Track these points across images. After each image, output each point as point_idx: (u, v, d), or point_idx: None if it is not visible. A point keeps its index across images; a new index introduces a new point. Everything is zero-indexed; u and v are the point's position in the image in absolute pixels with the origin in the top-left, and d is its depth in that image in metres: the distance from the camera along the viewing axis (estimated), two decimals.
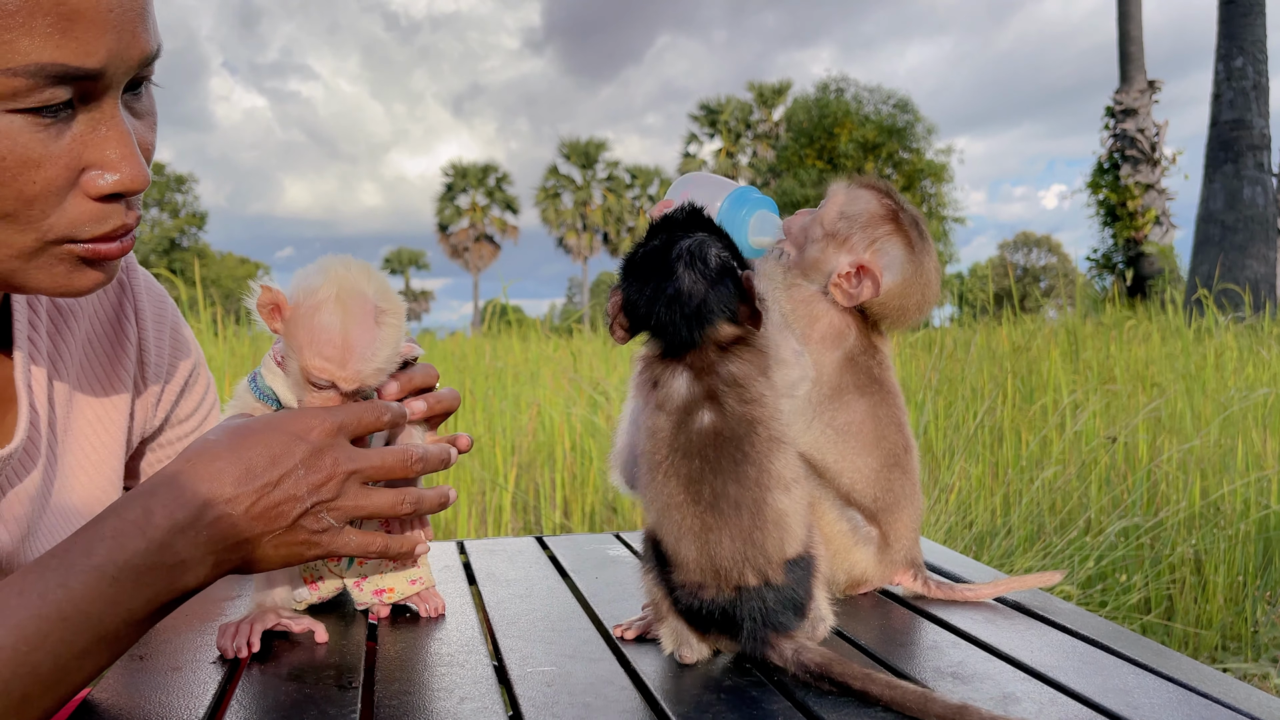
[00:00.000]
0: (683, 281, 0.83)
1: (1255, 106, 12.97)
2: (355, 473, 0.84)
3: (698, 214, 0.89)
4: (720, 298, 0.84)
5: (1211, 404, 4.43)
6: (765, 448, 0.84)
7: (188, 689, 0.81)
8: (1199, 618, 3.22)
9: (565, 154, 46.83)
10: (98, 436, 0.99)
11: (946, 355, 5.02)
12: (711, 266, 0.84)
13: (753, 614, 0.82)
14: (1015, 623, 1.02)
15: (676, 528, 0.83)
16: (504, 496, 3.75)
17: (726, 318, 0.84)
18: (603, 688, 0.81)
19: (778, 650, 0.82)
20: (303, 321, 0.86)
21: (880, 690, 0.74)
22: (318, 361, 0.85)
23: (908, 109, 30.67)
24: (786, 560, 0.83)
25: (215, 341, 4.97)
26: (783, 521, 0.83)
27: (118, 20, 0.68)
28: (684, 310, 0.83)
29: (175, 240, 41.99)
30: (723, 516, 0.82)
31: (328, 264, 0.89)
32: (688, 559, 0.83)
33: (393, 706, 0.76)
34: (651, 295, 0.84)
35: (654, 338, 0.87)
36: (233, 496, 0.78)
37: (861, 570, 1.09)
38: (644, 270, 0.86)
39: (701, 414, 0.84)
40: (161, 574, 0.74)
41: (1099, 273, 18.62)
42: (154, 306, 1.07)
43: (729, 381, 0.84)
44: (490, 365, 5.65)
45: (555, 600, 1.09)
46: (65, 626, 0.70)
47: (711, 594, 0.83)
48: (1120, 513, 3.52)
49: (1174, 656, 0.91)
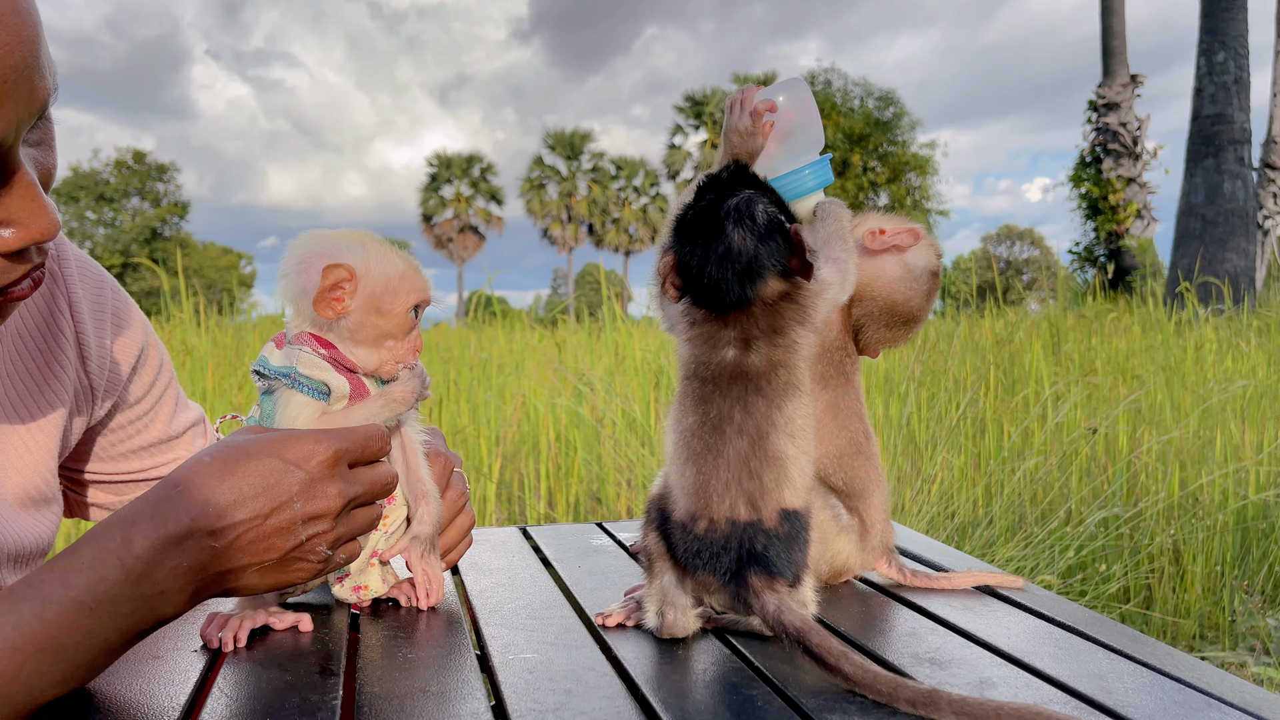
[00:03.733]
0: (732, 239, 0.84)
1: (1236, 101, 13.05)
2: (351, 500, 0.83)
3: (743, 170, 0.90)
4: (770, 253, 0.85)
5: (1191, 396, 4.47)
6: (781, 389, 0.86)
7: (169, 676, 0.81)
8: (1177, 607, 3.25)
9: (550, 145, 46.69)
10: (30, 451, 0.96)
11: (930, 347, 5.04)
12: (760, 223, 0.85)
13: (739, 547, 0.83)
14: (993, 610, 1.03)
15: (684, 452, 0.86)
16: (488, 487, 3.75)
17: (777, 272, 0.86)
18: (584, 674, 0.81)
19: (760, 600, 0.82)
20: (383, 278, 0.94)
21: (852, 670, 0.75)
22: (414, 297, 0.96)
23: (893, 102, 30.73)
24: (783, 509, 0.84)
25: (198, 331, 4.94)
26: (782, 463, 0.84)
27: (13, 89, 0.65)
28: (734, 267, 0.84)
29: (157, 230, 41.64)
30: (722, 438, 0.84)
31: (329, 235, 0.96)
32: (688, 481, 0.85)
33: (374, 693, 0.77)
34: (703, 254, 0.85)
35: (703, 296, 0.87)
36: (217, 529, 0.76)
37: (844, 559, 1.10)
38: (694, 229, 0.87)
39: (729, 349, 0.86)
40: (140, 604, 0.73)
41: (1080, 266, 18.71)
42: (91, 295, 1.04)
43: (765, 330, 0.86)
44: (475, 356, 5.64)
45: (538, 589, 1.10)
46: (41, 658, 0.69)
47: (703, 527, 0.84)
48: (1100, 503, 3.55)
49: (1149, 643, 0.93)
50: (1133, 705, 0.75)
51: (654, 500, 0.90)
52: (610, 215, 46.52)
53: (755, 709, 0.73)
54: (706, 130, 43.27)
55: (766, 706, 0.74)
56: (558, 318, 7.58)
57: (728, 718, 0.72)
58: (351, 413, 0.94)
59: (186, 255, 39.02)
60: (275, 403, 0.94)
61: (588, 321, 6.46)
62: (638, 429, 4.01)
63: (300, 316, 0.96)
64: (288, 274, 0.95)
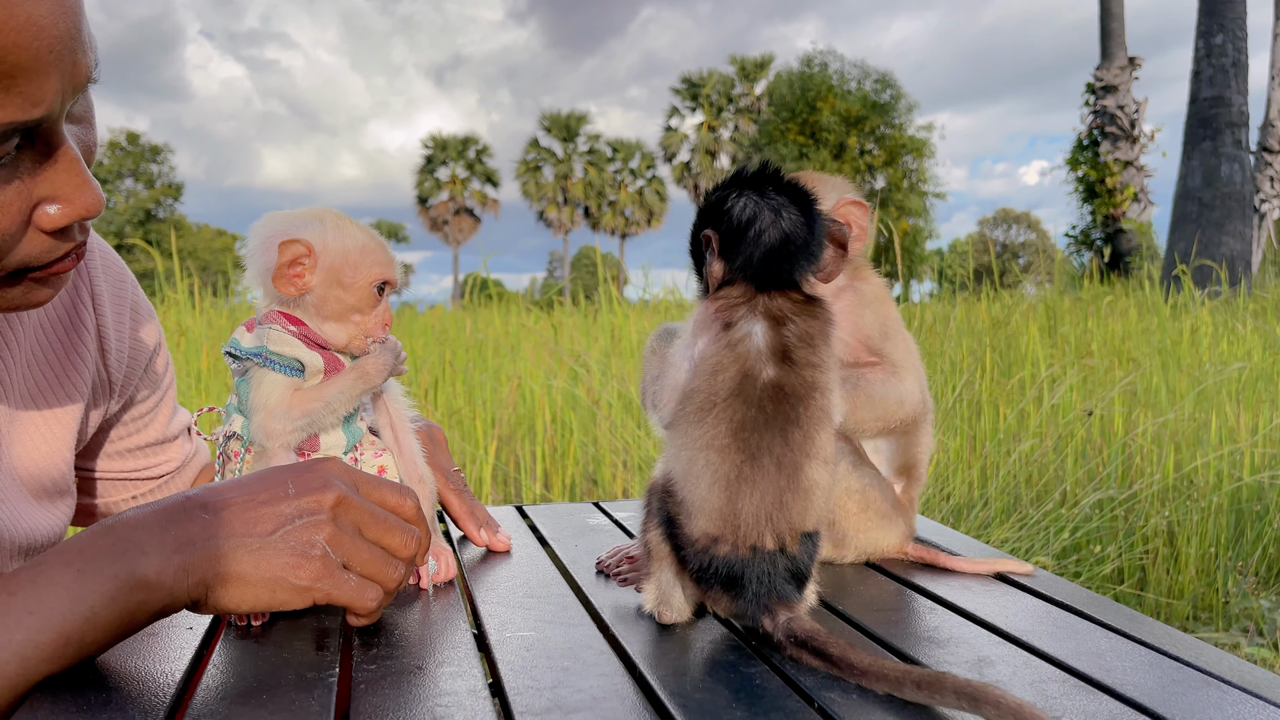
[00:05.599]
0: (786, 222, 0.85)
1: (1234, 84, 13.02)
2: (347, 502, 0.80)
3: (776, 173, 0.89)
4: (819, 243, 0.87)
5: (1186, 379, 4.48)
6: (816, 416, 0.84)
7: (163, 653, 0.80)
8: (1171, 588, 3.26)
9: (546, 127, 46.51)
10: (47, 442, 0.96)
11: (926, 329, 5.04)
12: (808, 214, 0.86)
13: (761, 577, 0.82)
14: (991, 589, 1.03)
15: (712, 472, 0.83)
16: (484, 468, 3.75)
17: (815, 267, 0.87)
18: (581, 652, 0.81)
19: (771, 617, 0.82)
20: (342, 252, 0.94)
21: (859, 660, 0.75)
22: (377, 270, 0.95)
23: (890, 85, 30.62)
24: (804, 533, 0.84)
25: (193, 313, 4.92)
26: (812, 493, 0.83)
27: (58, 59, 0.64)
28: (788, 249, 0.85)
29: (151, 211, 41.47)
30: (761, 470, 0.82)
31: (288, 214, 0.96)
32: (713, 507, 0.83)
33: (371, 670, 0.76)
34: (756, 233, 0.85)
35: (748, 277, 0.86)
36: (209, 502, 0.76)
37: (892, 540, 1.12)
38: (741, 212, 0.86)
39: (770, 365, 0.84)
40: (119, 559, 0.72)
41: (1077, 249, 18.71)
42: (113, 287, 1.04)
43: (802, 338, 0.85)
44: (471, 338, 5.63)
45: (534, 567, 1.10)
46: (31, 621, 0.68)
47: (726, 550, 0.82)
48: (1095, 485, 3.56)
49: (1146, 622, 0.92)
50: (1131, 683, 0.75)
51: (656, 490, 0.88)
52: (606, 198, 46.40)
53: (753, 687, 0.73)
54: (703, 112, 43.12)
55: (765, 685, 0.74)
56: (554, 299, 7.56)
57: (725, 696, 0.71)
58: (324, 388, 0.94)
59: (181, 237, 38.87)
60: (249, 383, 0.94)
61: (584, 304, 6.44)
62: (634, 410, 4.01)
63: (267, 297, 0.96)
64: (251, 256, 0.96)
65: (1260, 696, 0.73)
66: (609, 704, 0.70)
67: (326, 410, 0.94)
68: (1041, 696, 0.73)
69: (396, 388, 1.05)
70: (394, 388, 1.05)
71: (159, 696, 0.71)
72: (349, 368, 0.96)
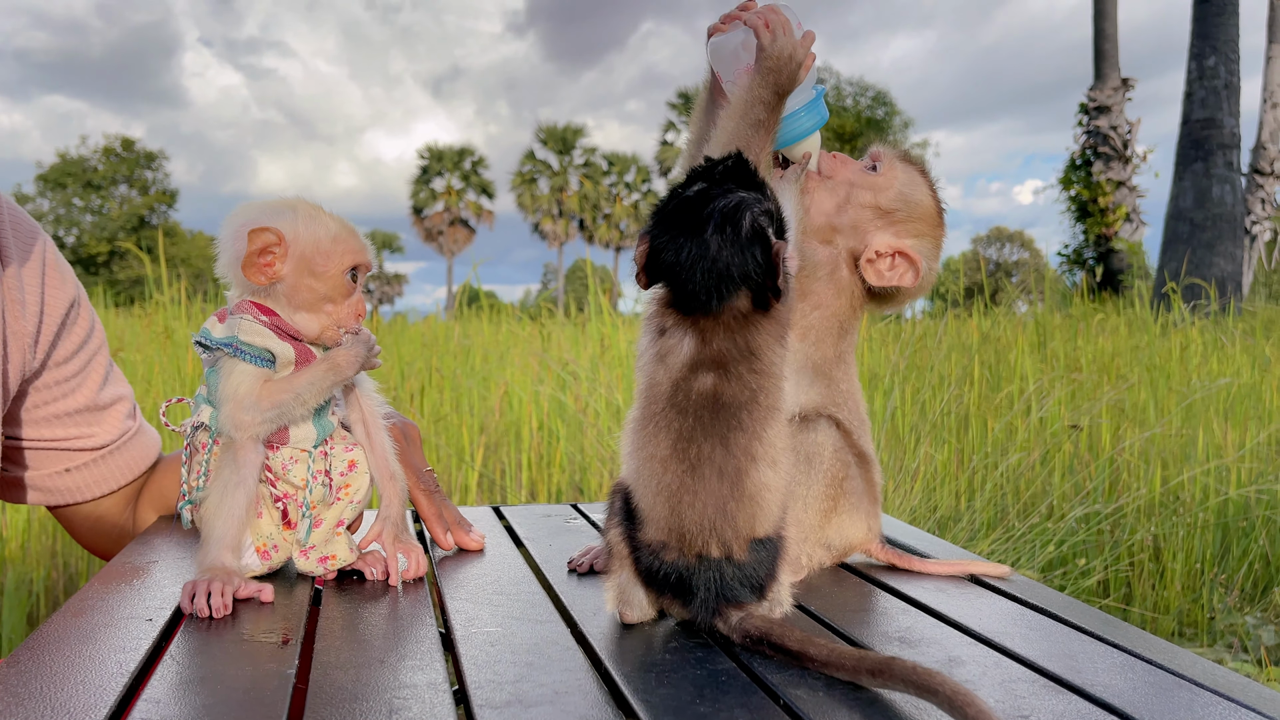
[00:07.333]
0: (710, 245, 0.79)
1: (1226, 105, 13.08)
2: None
3: (744, 164, 0.84)
4: (746, 268, 0.79)
5: (1174, 395, 4.48)
6: (762, 416, 0.82)
7: (119, 644, 0.79)
8: (1156, 603, 3.26)
9: (542, 139, 46.56)
10: None
11: (915, 343, 5.04)
12: (743, 233, 0.79)
13: (708, 584, 0.81)
14: (966, 592, 1.02)
15: (655, 483, 0.82)
16: (470, 475, 3.73)
17: (749, 289, 0.80)
18: (546, 648, 0.80)
19: (724, 619, 0.81)
20: (313, 240, 0.93)
21: (817, 651, 0.74)
22: (350, 257, 0.95)
23: (885, 102, 30.75)
24: (753, 539, 0.82)
25: (180, 316, 4.90)
26: (760, 497, 0.82)
27: None
28: (706, 275, 0.79)
29: (145, 218, 41.37)
30: (701, 480, 0.81)
31: (259, 204, 0.96)
32: (657, 516, 0.82)
33: (329, 662, 0.75)
34: (676, 251, 0.80)
35: (670, 292, 0.83)
36: None
37: (860, 534, 1.10)
38: (676, 221, 0.81)
39: (705, 375, 0.81)
40: None
41: (1069, 268, 18.76)
42: (21, 243, 1.02)
43: (743, 351, 0.81)
44: (459, 344, 5.61)
45: (506, 565, 1.08)
46: None
47: (673, 557, 0.81)
48: (1082, 499, 3.55)
49: (1121, 626, 0.92)
50: (1101, 685, 0.74)
51: (620, 490, 0.87)
52: (601, 211, 46.45)
53: (719, 683, 0.72)
54: None
55: (731, 681, 0.73)
56: (543, 306, 7.54)
57: (691, 692, 0.70)
58: (294, 379, 0.93)
59: (175, 244, 38.78)
60: (219, 373, 0.92)
61: (575, 314, 6.43)
62: (621, 418, 3.99)
63: (239, 287, 0.95)
64: (222, 245, 0.95)
65: (1233, 700, 0.72)
66: (570, 698, 0.68)
67: (296, 402, 0.93)
68: (1010, 696, 0.72)
69: (369, 383, 1.04)
70: (366, 383, 1.04)
71: (109, 686, 0.69)
72: (320, 359, 0.95)
